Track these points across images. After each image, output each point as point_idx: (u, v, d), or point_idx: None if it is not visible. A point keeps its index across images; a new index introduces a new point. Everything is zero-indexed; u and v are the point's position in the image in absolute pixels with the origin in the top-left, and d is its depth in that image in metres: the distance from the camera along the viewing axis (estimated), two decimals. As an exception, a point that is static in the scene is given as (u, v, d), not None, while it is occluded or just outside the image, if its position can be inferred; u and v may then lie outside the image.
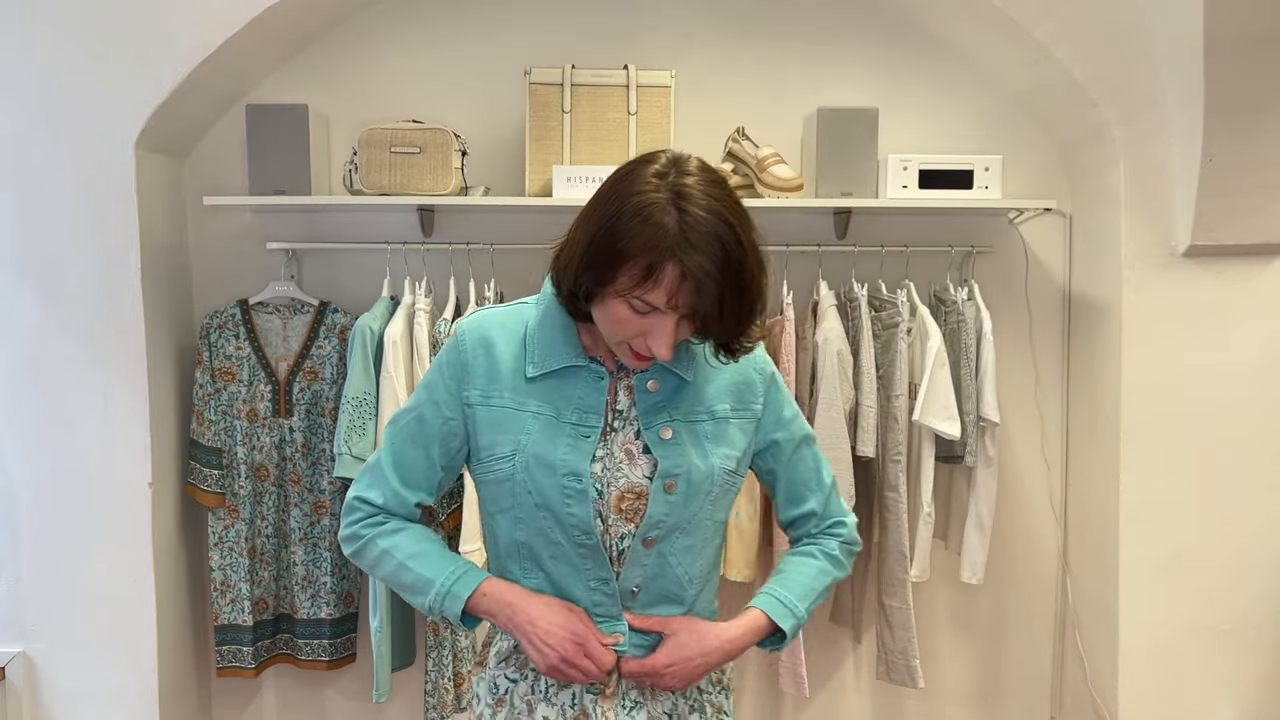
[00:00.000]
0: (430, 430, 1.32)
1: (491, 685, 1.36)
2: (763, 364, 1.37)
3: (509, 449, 1.28)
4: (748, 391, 1.35)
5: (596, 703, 1.30)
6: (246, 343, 2.55)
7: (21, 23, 2.32)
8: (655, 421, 1.28)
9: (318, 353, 2.56)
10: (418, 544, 1.32)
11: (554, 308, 1.30)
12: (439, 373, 1.33)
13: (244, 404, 2.55)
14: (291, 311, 2.58)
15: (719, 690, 1.40)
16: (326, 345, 2.55)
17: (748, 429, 1.35)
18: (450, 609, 1.28)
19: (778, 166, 2.48)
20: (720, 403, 1.32)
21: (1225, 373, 2.45)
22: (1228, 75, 2.19)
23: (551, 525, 1.28)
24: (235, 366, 2.54)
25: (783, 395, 1.40)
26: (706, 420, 1.31)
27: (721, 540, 1.40)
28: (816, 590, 1.38)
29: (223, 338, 2.54)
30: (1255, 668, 2.50)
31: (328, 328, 2.56)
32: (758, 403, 1.35)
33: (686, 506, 1.29)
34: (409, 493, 1.33)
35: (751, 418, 1.35)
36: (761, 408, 1.36)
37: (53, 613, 2.46)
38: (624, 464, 1.28)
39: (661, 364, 1.27)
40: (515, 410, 1.28)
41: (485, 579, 1.30)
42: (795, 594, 1.36)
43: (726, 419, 1.33)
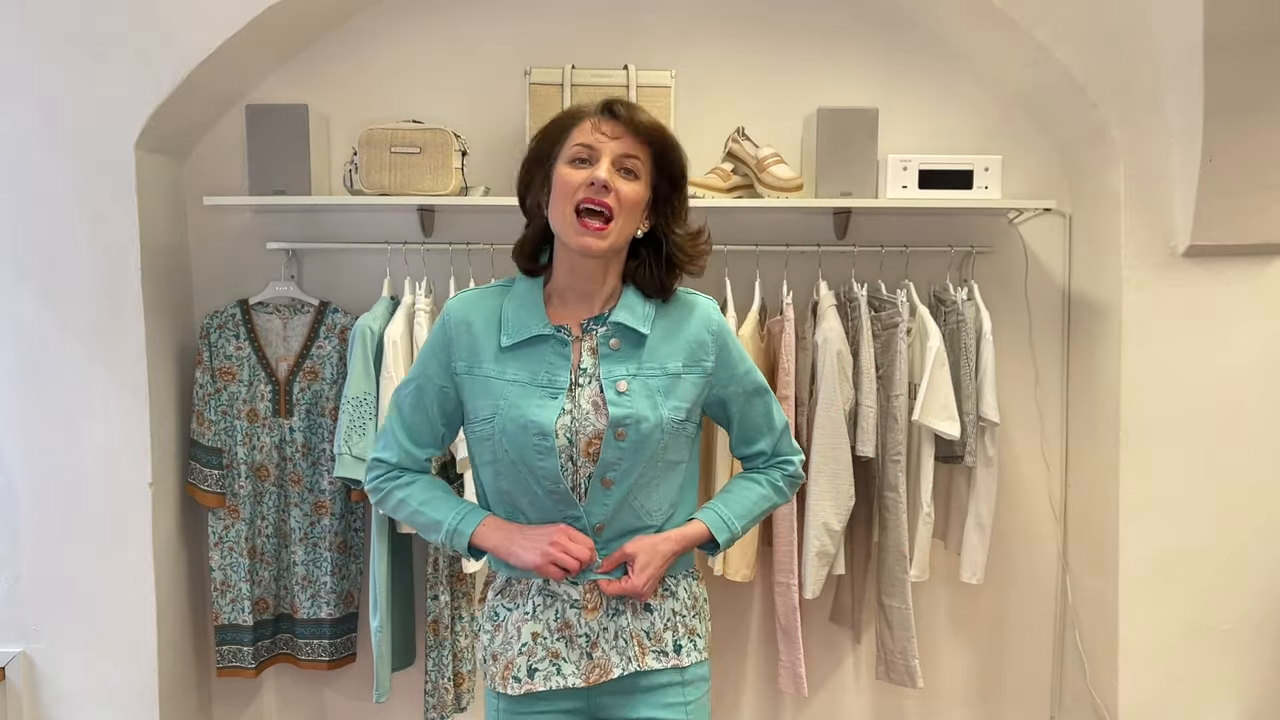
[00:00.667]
0: (428, 397, 1.54)
1: (491, 613, 1.56)
2: (714, 323, 1.53)
3: (489, 412, 1.48)
4: (699, 350, 1.51)
5: (580, 615, 1.49)
6: (246, 343, 2.55)
7: (21, 23, 2.32)
8: (614, 375, 1.46)
9: (318, 353, 2.56)
10: (428, 492, 1.56)
11: (522, 284, 1.54)
12: (430, 348, 1.54)
13: (244, 404, 2.55)
14: (291, 311, 2.58)
15: (693, 614, 1.56)
16: (326, 345, 2.56)
17: (699, 383, 1.51)
18: (458, 543, 1.50)
19: (778, 166, 2.48)
20: (673, 360, 1.49)
21: (1225, 373, 2.45)
22: (1227, 75, 2.19)
23: (526, 475, 1.47)
24: (235, 366, 2.54)
25: (733, 352, 1.55)
26: (659, 375, 1.48)
27: (685, 476, 1.55)
28: (754, 513, 1.59)
29: (223, 338, 2.54)
30: (1255, 668, 2.50)
31: (328, 328, 2.56)
32: (709, 360, 1.52)
33: (637, 452, 1.46)
34: (418, 449, 1.56)
35: (702, 373, 1.51)
36: (713, 364, 1.52)
37: (53, 613, 2.46)
38: (590, 414, 1.45)
39: (619, 322, 1.47)
40: (495, 378, 1.48)
41: (486, 516, 1.51)
42: (735, 513, 1.57)
43: (678, 374, 1.49)
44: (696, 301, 1.55)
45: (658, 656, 1.50)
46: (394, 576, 2.52)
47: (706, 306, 1.55)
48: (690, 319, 1.52)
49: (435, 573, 2.49)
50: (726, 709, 2.83)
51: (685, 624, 1.54)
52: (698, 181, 2.51)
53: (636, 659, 1.48)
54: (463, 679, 2.57)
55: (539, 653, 1.48)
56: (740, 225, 2.66)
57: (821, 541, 2.44)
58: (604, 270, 1.49)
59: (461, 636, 2.56)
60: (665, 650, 1.51)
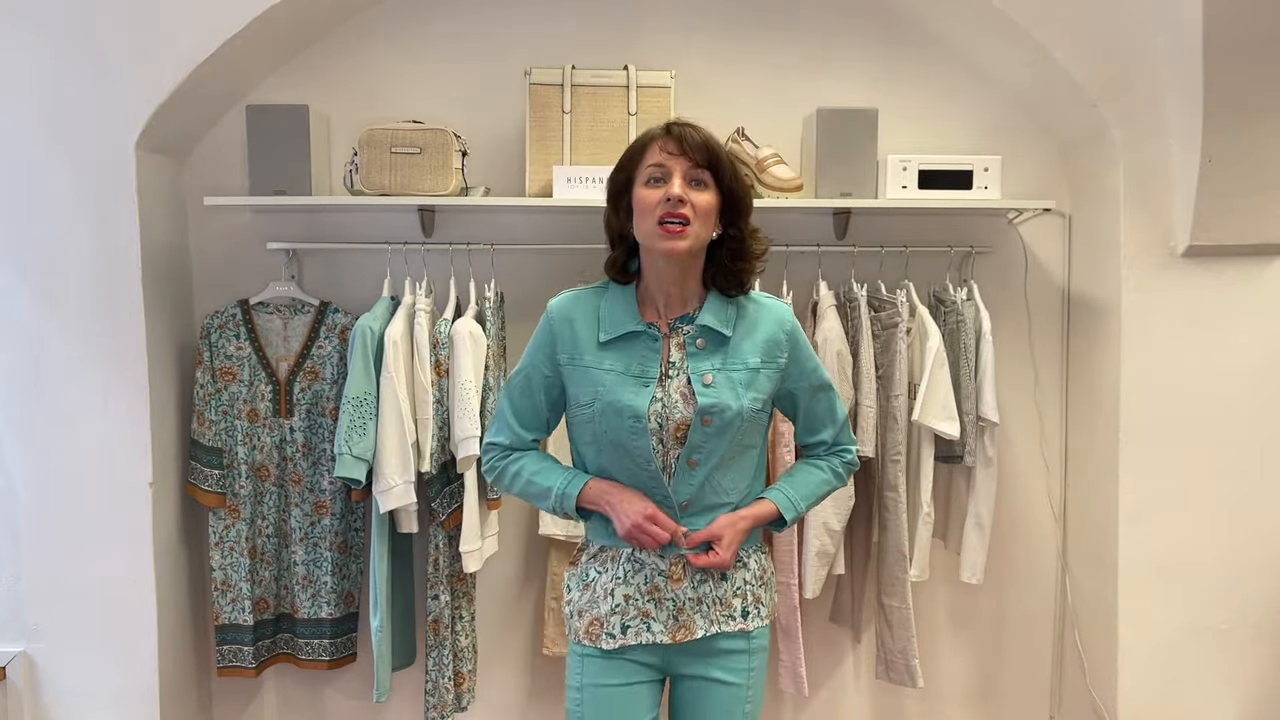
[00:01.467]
0: (535, 385, 1.73)
1: (582, 575, 1.74)
2: (788, 324, 1.71)
3: (589, 398, 1.67)
4: (775, 348, 1.69)
5: (667, 583, 1.67)
6: (247, 343, 2.55)
7: (21, 23, 2.32)
8: (700, 369, 1.64)
9: (318, 353, 2.56)
10: (538, 464, 1.75)
11: (615, 288, 1.71)
12: (536, 342, 1.74)
13: (245, 404, 2.55)
14: (292, 311, 2.58)
15: (760, 584, 1.74)
16: (327, 345, 2.56)
17: (774, 377, 1.69)
18: (566, 505, 1.69)
19: (778, 167, 2.49)
20: (753, 356, 1.67)
21: (1224, 373, 2.45)
22: (1227, 76, 2.19)
23: (623, 455, 1.66)
24: (236, 366, 2.54)
25: (803, 350, 1.72)
26: (741, 370, 1.66)
27: (757, 460, 1.73)
28: (817, 494, 1.77)
29: (223, 338, 2.54)
30: (1254, 667, 2.51)
31: (328, 328, 2.56)
32: (783, 357, 1.70)
33: (720, 436, 1.64)
34: (526, 432, 1.76)
35: (777, 369, 1.69)
36: (786, 361, 1.70)
37: (53, 613, 2.46)
38: (679, 404, 1.64)
39: (705, 325, 1.65)
40: (594, 368, 1.67)
41: (589, 479, 1.69)
42: (800, 494, 1.75)
43: (757, 369, 1.67)
44: (772, 305, 1.72)
45: (728, 620, 1.69)
46: (394, 576, 2.52)
47: (781, 309, 1.72)
48: (767, 320, 1.69)
49: (435, 572, 2.49)
50: (726, 709, 2.83)
51: (753, 593, 1.72)
52: (698, 182, 2.51)
53: (718, 622, 1.68)
54: (463, 679, 2.57)
55: (631, 612, 1.68)
56: (740, 225, 2.66)
57: (821, 541, 2.44)
58: (684, 274, 1.66)
59: (461, 636, 2.56)
60: (734, 615, 1.69)
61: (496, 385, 2.47)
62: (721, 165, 1.62)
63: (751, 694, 1.72)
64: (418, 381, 2.40)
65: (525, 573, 2.77)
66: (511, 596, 2.77)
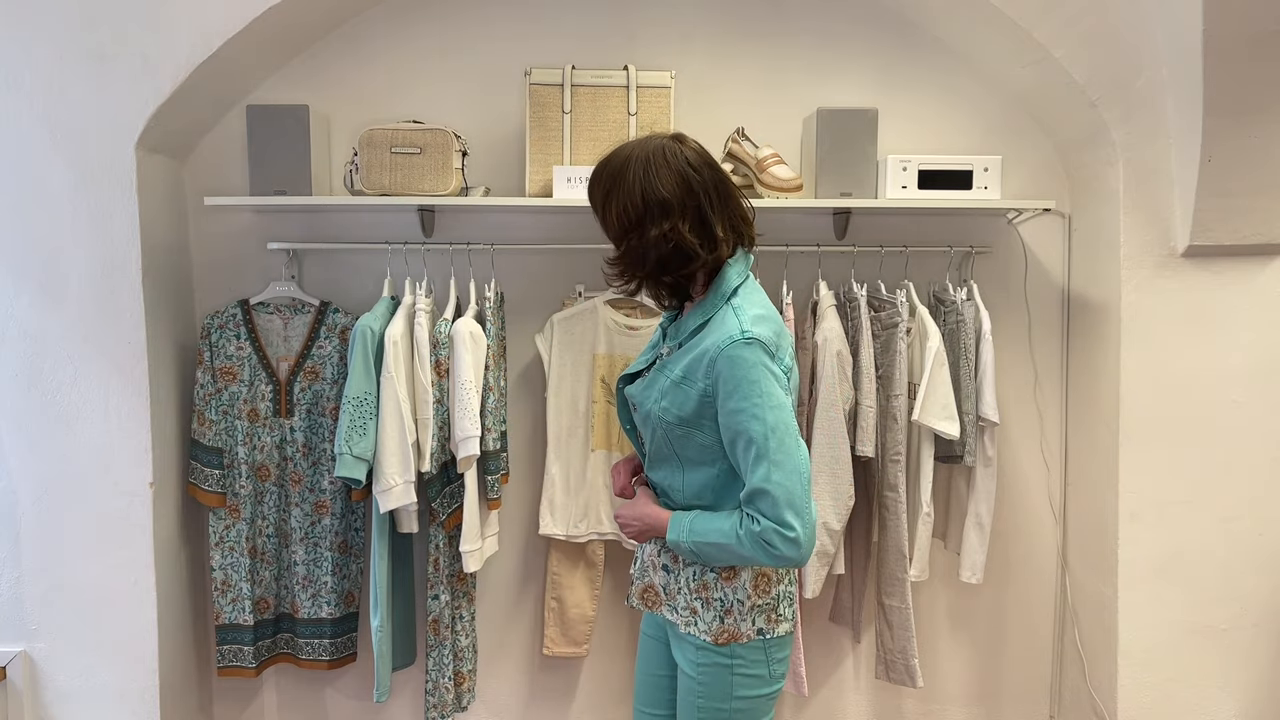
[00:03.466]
0: None
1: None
2: (714, 352, 1.57)
3: None
4: (695, 368, 1.61)
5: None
6: (247, 343, 2.55)
7: (22, 23, 2.32)
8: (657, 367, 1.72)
9: (318, 353, 2.56)
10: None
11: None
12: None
13: (245, 404, 2.55)
14: (292, 311, 2.58)
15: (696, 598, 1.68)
16: (327, 345, 2.56)
17: (693, 396, 1.60)
18: None
19: (777, 167, 2.49)
20: (678, 370, 1.64)
21: (1224, 373, 2.45)
22: (1227, 75, 2.19)
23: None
24: (236, 366, 2.55)
25: (727, 386, 1.56)
26: (668, 380, 1.66)
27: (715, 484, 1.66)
28: (709, 539, 1.61)
29: (224, 338, 2.54)
30: (1254, 667, 2.51)
31: (328, 328, 2.56)
32: (700, 379, 1.59)
33: (644, 424, 1.73)
34: None
35: (695, 390, 1.60)
36: (704, 384, 1.59)
37: (53, 613, 2.46)
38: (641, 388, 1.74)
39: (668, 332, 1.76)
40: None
41: None
42: (696, 527, 1.63)
43: (678, 382, 1.63)
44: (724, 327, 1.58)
45: (670, 611, 1.74)
46: (394, 576, 2.52)
47: (724, 334, 1.57)
48: (708, 339, 1.60)
49: (435, 572, 2.49)
50: (726, 708, 2.83)
51: (688, 602, 1.70)
52: (698, 182, 2.51)
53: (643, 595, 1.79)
54: (463, 678, 2.57)
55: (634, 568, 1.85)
56: (740, 225, 2.66)
57: (821, 541, 2.44)
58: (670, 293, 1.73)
59: (462, 636, 2.56)
60: (676, 609, 1.72)
61: (496, 385, 2.47)
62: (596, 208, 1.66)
63: (704, 692, 1.68)
64: (418, 381, 2.40)
65: (525, 573, 2.77)
66: (512, 596, 2.77)
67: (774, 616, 1.68)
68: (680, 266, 1.61)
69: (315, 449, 2.57)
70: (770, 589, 1.68)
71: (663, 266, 1.61)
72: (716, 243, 1.62)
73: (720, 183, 1.64)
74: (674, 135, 1.66)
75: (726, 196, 1.65)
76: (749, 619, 1.66)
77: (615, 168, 1.61)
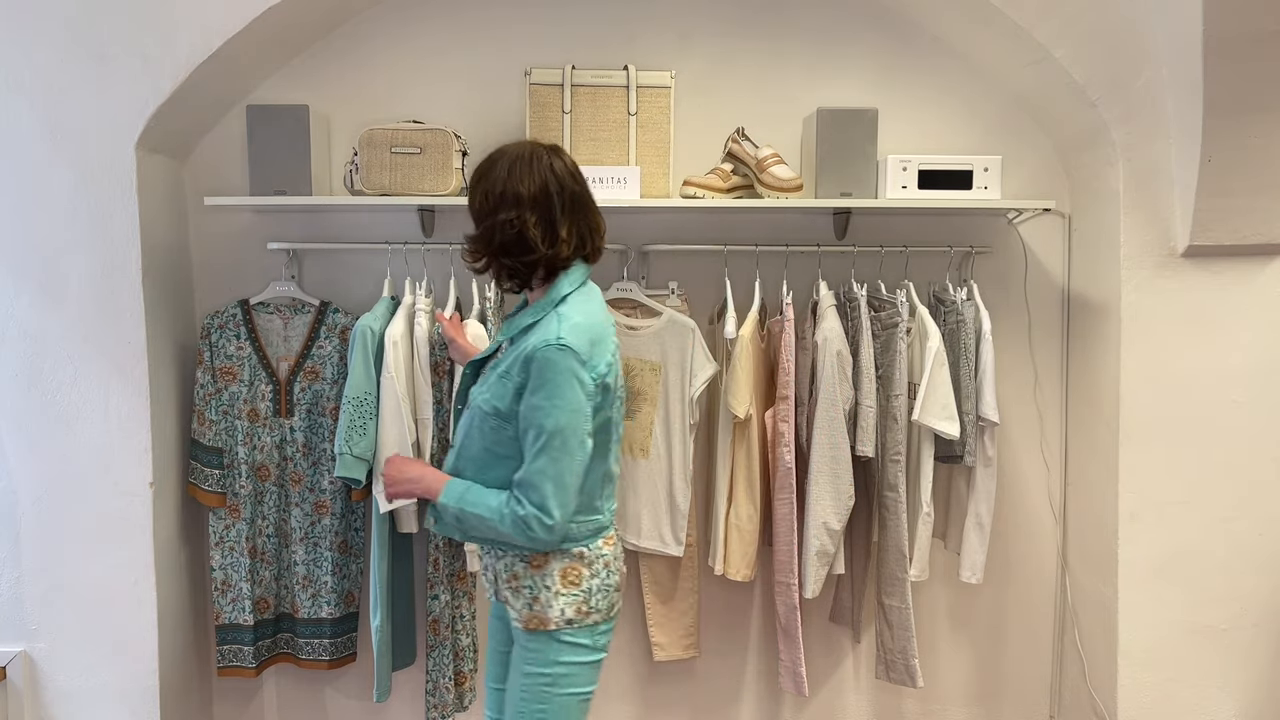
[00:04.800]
0: None
1: None
2: (531, 350, 1.70)
3: None
4: (515, 364, 1.74)
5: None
6: (248, 342, 2.55)
7: (22, 23, 2.32)
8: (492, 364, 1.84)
9: (318, 353, 2.56)
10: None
11: None
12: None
13: (245, 404, 2.55)
14: (292, 311, 2.58)
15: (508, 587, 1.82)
16: (327, 345, 2.56)
17: (509, 389, 1.74)
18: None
19: (777, 167, 2.49)
20: (504, 365, 1.77)
21: (1224, 373, 2.45)
22: (1227, 75, 2.19)
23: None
24: (236, 366, 2.54)
25: (533, 383, 1.70)
26: (494, 373, 1.79)
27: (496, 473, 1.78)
28: (474, 509, 1.74)
29: (224, 337, 2.54)
30: (1254, 667, 2.51)
31: (328, 328, 2.56)
32: (517, 375, 1.73)
33: (469, 416, 1.83)
34: None
35: (513, 385, 1.73)
36: (519, 380, 1.72)
37: (53, 613, 2.46)
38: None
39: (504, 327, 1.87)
40: None
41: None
42: (470, 497, 1.76)
43: (502, 376, 1.76)
44: (543, 331, 1.73)
45: (492, 590, 1.90)
46: (394, 575, 2.52)
47: (542, 337, 1.71)
48: (532, 338, 1.73)
49: (435, 572, 2.49)
50: (727, 708, 2.83)
51: (506, 586, 1.83)
52: (697, 182, 2.51)
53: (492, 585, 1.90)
54: (464, 678, 2.57)
55: None
56: (740, 225, 2.66)
57: (821, 541, 2.44)
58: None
59: (462, 635, 2.56)
60: (499, 590, 1.86)
61: (496, 385, 2.47)
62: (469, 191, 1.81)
63: (526, 694, 1.79)
64: (417, 381, 2.40)
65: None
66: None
67: (584, 609, 1.79)
68: (520, 253, 1.77)
69: (315, 449, 2.57)
70: (581, 582, 1.79)
71: (505, 250, 1.78)
72: (557, 241, 1.77)
73: (578, 195, 1.80)
74: (551, 146, 1.82)
75: (582, 207, 1.81)
76: (556, 607, 1.78)
77: (490, 160, 1.80)
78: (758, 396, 2.51)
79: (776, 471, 2.46)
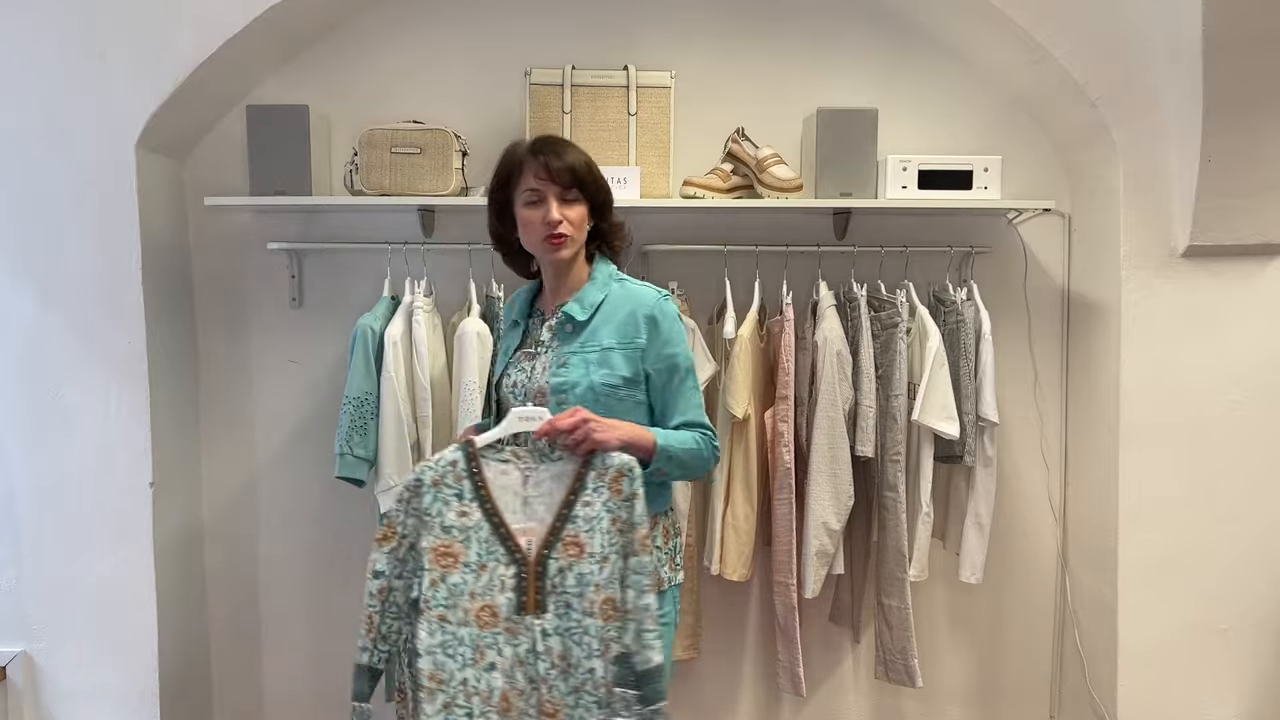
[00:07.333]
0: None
1: None
2: (648, 308, 1.80)
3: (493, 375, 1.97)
4: (632, 330, 1.79)
5: None
6: (474, 503, 1.65)
7: (22, 23, 2.32)
8: (563, 352, 1.81)
9: (584, 514, 1.65)
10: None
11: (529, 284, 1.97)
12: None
13: (473, 599, 1.63)
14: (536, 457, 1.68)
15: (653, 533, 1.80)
16: (596, 502, 1.65)
17: (631, 356, 1.78)
18: None
19: (777, 167, 2.49)
20: (608, 338, 1.79)
21: (1224, 373, 2.45)
22: (1227, 75, 2.19)
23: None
24: (459, 543, 1.64)
25: (663, 335, 1.79)
26: (595, 350, 1.79)
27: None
28: (686, 448, 1.77)
29: (439, 500, 1.63)
30: (1255, 667, 2.51)
31: (598, 474, 1.65)
32: (640, 338, 1.78)
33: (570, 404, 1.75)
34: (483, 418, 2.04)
35: (635, 349, 1.78)
36: (645, 342, 1.78)
37: (53, 613, 2.46)
38: (537, 377, 1.81)
39: (567, 311, 1.81)
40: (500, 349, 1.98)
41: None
42: (676, 438, 1.76)
43: (611, 349, 1.78)
44: (640, 291, 1.83)
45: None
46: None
47: (645, 295, 1.82)
48: (629, 304, 1.81)
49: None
50: (725, 708, 2.83)
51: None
52: (697, 182, 2.51)
53: None
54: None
55: None
56: (740, 225, 2.66)
57: (821, 541, 2.44)
58: (565, 269, 1.86)
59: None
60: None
61: (497, 385, 2.46)
62: (585, 179, 1.81)
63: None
64: (417, 381, 2.40)
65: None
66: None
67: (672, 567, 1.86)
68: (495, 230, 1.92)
69: (577, 666, 1.62)
70: (669, 539, 1.87)
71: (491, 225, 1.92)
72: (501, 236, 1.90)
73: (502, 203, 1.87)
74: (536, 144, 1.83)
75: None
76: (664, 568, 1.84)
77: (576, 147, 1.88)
78: (757, 397, 2.51)
79: (776, 471, 2.46)
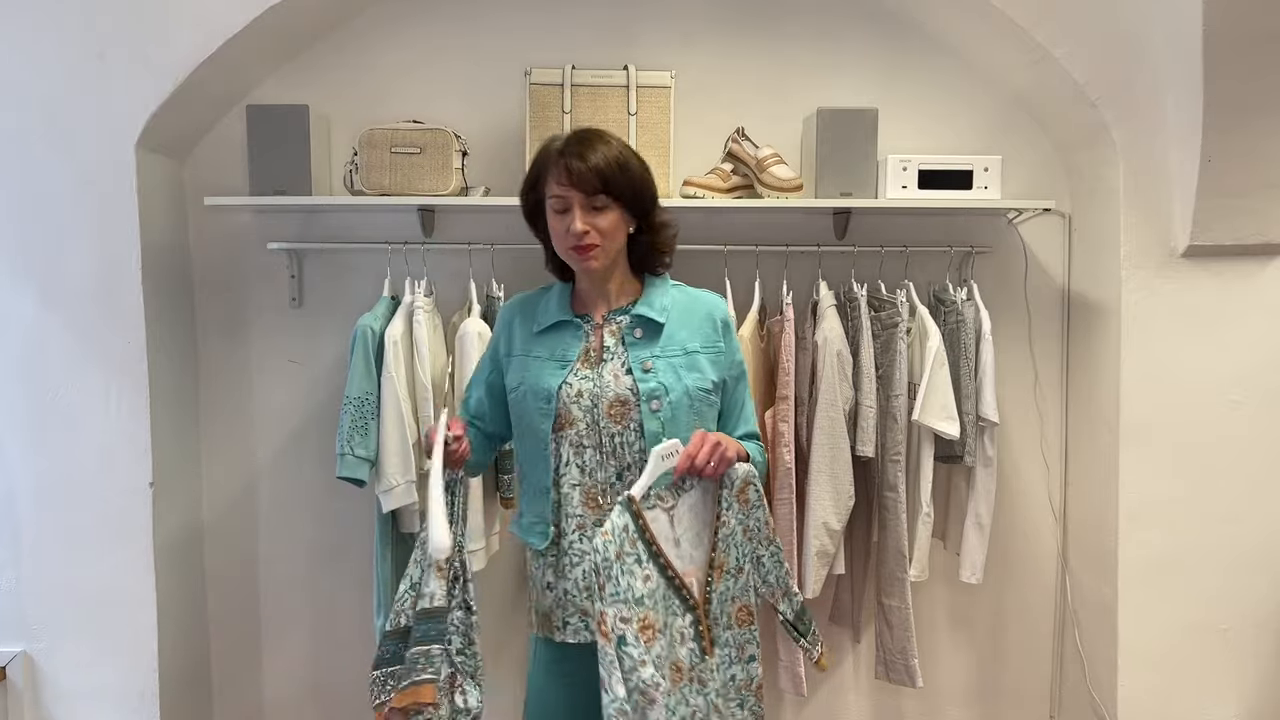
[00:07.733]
0: (480, 376, 1.95)
1: None
2: (723, 313, 1.83)
3: (516, 383, 1.81)
4: (712, 333, 1.80)
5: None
6: (652, 564, 1.57)
7: (22, 24, 2.32)
8: (640, 357, 1.74)
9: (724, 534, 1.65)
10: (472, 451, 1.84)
11: (558, 286, 1.87)
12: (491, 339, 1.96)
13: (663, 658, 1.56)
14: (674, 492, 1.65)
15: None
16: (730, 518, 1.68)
17: (717, 361, 1.78)
18: None
19: (777, 167, 2.49)
20: (691, 341, 1.77)
21: (1224, 373, 2.45)
22: (1227, 75, 2.19)
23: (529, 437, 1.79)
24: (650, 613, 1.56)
25: (734, 341, 1.84)
26: (679, 355, 1.75)
27: None
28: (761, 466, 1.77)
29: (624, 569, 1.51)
30: (1255, 668, 2.51)
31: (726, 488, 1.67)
32: (720, 342, 1.80)
33: (674, 419, 1.72)
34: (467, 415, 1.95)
35: (717, 352, 1.79)
36: (723, 342, 1.80)
37: (53, 613, 2.46)
38: (611, 385, 1.73)
39: (639, 314, 1.76)
40: (524, 356, 1.82)
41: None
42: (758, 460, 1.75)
43: (696, 352, 1.77)
44: (707, 296, 1.85)
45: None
46: (396, 576, 2.51)
47: (714, 298, 1.85)
48: (703, 308, 1.81)
49: (436, 573, 2.45)
50: (726, 709, 2.83)
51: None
52: (697, 182, 2.51)
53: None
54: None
55: None
56: (740, 225, 2.66)
57: (821, 541, 2.44)
58: (608, 275, 1.79)
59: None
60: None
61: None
62: (615, 180, 1.69)
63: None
64: (418, 381, 2.40)
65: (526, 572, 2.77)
66: (513, 595, 2.77)
67: None
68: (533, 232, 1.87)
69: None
70: None
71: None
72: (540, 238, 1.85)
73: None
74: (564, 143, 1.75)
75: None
76: None
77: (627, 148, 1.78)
78: (757, 397, 2.51)
79: (776, 471, 2.46)
